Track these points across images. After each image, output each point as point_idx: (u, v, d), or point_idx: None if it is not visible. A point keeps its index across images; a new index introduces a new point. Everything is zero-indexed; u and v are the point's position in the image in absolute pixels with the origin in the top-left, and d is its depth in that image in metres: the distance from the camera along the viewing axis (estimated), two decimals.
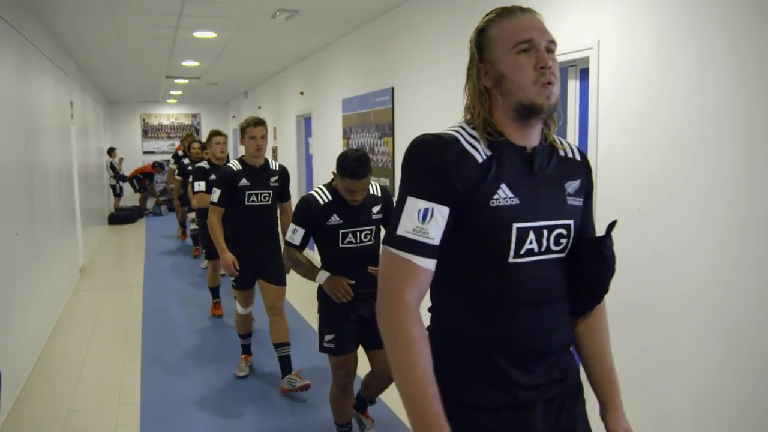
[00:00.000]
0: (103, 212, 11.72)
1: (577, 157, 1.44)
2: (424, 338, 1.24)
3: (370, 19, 5.58)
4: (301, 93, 8.24)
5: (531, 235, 1.29)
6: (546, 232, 1.31)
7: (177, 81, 10.59)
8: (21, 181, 4.38)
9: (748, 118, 2.18)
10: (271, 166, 4.01)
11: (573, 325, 1.44)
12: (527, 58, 1.28)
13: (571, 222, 1.35)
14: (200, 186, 5.04)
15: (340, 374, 2.93)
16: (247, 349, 4.34)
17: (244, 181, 3.88)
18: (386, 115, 5.32)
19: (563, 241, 1.34)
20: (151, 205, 13.89)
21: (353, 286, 2.77)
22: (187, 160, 7.63)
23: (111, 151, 12.84)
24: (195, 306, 6.05)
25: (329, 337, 2.87)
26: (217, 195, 3.89)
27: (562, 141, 1.44)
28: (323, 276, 2.81)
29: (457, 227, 1.28)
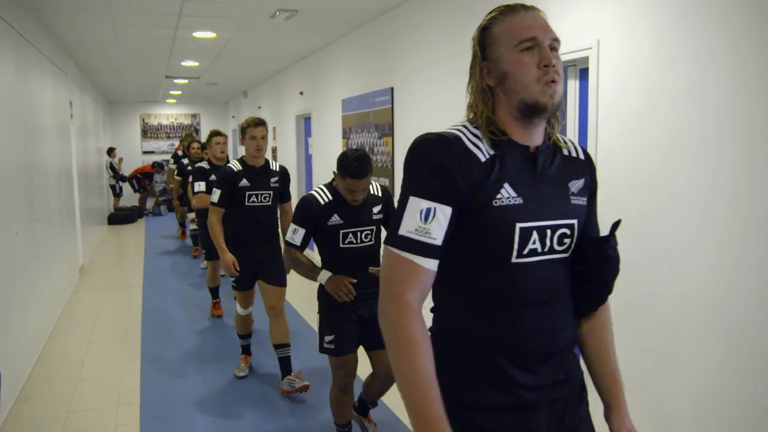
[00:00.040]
0: (103, 212, 11.71)
1: (581, 156, 1.43)
2: (426, 339, 1.23)
3: (370, 19, 5.58)
4: (301, 93, 8.24)
5: (534, 235, 1.28)
6: (549, 232, 1.30)
7: (176, 81, 10.59)
8: (20, 181, 4.38)
9: (748, 118, 2.18)
10: (271, 167, 4.00)
11: (577, 326, 1.42)
12: (531, 56, 1.26)
13: (574, 221, 1.34)
14: (200, 186, 5.03)
15: (340, 375, 2.93)
16: (247, 349, 4.34)
17: (244, 182, 3.87)
18: (386, 115, 5.32)
19: (567, 240, 1.33)
20: (151, 205, 13.88)
21: (354, 286, 2.76)
22: (187, 160, 7.64)
23: (110, 151, 12.84)
24: (194, 306, 6.05)
25: (329, 338, 2.86)
26: (217, 195, 3.88)
27: (566, 140, 1.42)
28: (325, 275, 2.80)
29: (459, 227, 1.27)
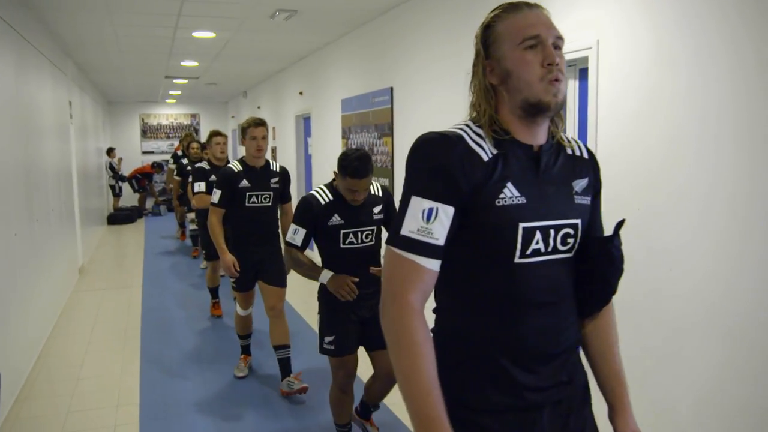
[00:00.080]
0: (102, 212, 11.71)
1: (585, 155, 1.41)
2: (429, 341, 1.21)
3: (369, 19, 5.58)
4: (300, 93, 8.24)
5: (537, 235, 1.26)
6: (553, 232, 1.28)
7: (176, 81, 10.59)
8: (20, 182, 4.38)
9: (747, 118, 2.18)
10: (271, 167, 3.98)
11: (581, 326, 1.41)
12: (534, 55, 1.25)
13: (578, 221, 1.32)
14: (200, 187, 5.01)
15: (339, 375, 2.92)
16: (247, 349, 4.34)
17: (244, 182, 3.86)
18: (385, 115, 5.32)
19: (570, 240, 1.31)
20: (150, 205, 13.88)
21: (354, 286, 2.75)
22: (186, 160, 7.64)
23: (110, 151, 12.83)
24: (194, 306, 6.04)
25: (329, 339, 2.85)
26: (217, 196, 3.86)
27: (570, 139, 1.41)
28: (327, 275, 2.78)
29: (462, 227, 1.25)
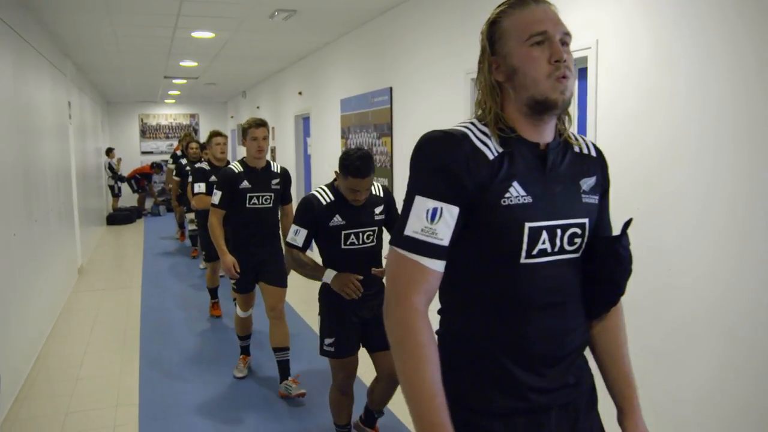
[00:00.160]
0: (102, 213, 11.70)
1: (593, 153, 1.38)
2: (433, 343, 1.19)
3: (369, 19, 5.58)
4: (300, 93, 8.24)
5: (544, 235, 1.24)
6: (560, 232, 1.26)
7: (175, 81, 10.58)
8: (19, 182, 4.37)
9: (747, 118, 2.18)
10: (272, 168, 3.96)
11: (588, 328, 1.39)
12: (541, 51, 1.22)
13: (585, 221, 1.30)
14: (200, 188, 4.99)
15: (339, 377, 2.91)
16: (246, 350, 4.33)
17: (245, 183, 3.83)
18: (384, 115, 5.32)
19: (577, 240, 1.29)
20: (150, 205, 13.88)
21: None
22: (185, 161, 7.64)
23: (109, 151, 12.82)
24: (193, 307, 6.04)
25: (329, 341, 2.84)
26: (217, 197, 3.84)
27: (577, 137, 1.38)
28: (330, 274, 2.74)
29: (467, 226, 1.23)
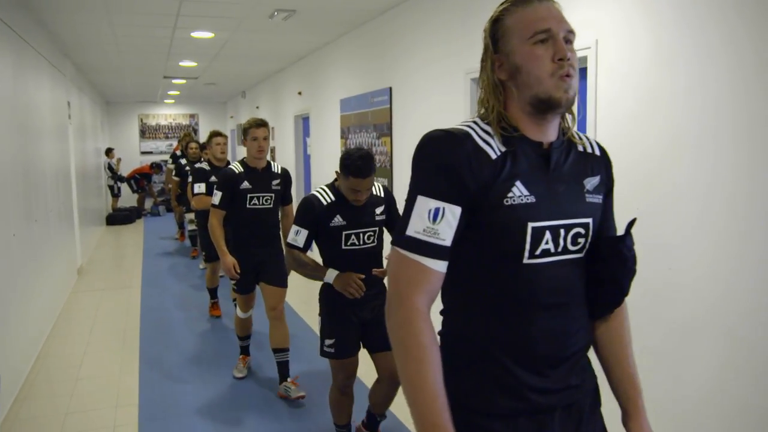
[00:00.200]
0: (101, 213, 11.70)
1: (597, 152, 1.37)
2: (435, 344, 1.18)
3: (368, 19, 5.58)
4: (299, 93, 8.24)
5: (547, 235, 1.22)
6: (563, 232, 1.24)
7: (174, 81, 10.58)
8: (18, 182, 4.37)
9: (746, 118, 2.18)
10: (273, 169, 3.94)
11: (592, 329, 1.38)
12: (545, 49, 1.21)
13: (589, 220, 1.29)
14: (200, 188, 4.97)
15: (339, 377, 2.91)
16: (246, 350, 4.33)
17: (245, 184, 3.82)
18: (384, 115, 5.32)
19: (581, 240, 1.28)
20: (149, 205, 13.87)
21: None
22: (185, 161, 7.63)
23: (109, 151, 12.82)
24: (193, 307, 6.04)
25: (329, 342, 2.83)
26: (218, 198, 3.82)
27: (581, 135, 1.37)
28: (332, 274, 2.72)
29: (469, 226, 1.22)
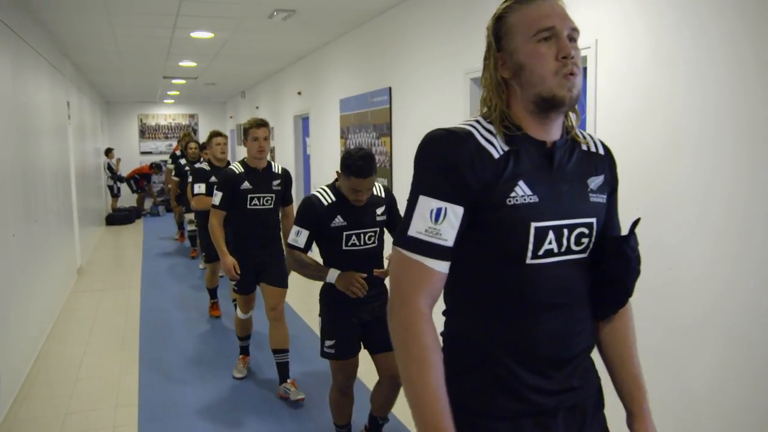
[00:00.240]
0: (101, 213, 11.69)
1: (601, 151, 1.36)
2: (437, 346, 1.18)
3: (368, 18, 5.58)
4: (299, 93, 8.23)
5: (550, 235, 1.21)
6: (566, 232, 1.23)
7: (174, 81, 10.58)
8: (17, 182, 4.37)
9: (746, 118, 2.18)
10: (273, 169, 3.93)
11: (596, 329, 1.37)
12: (548, 47, 1.20)
13: (593, 220, 1.27)
14: (200, 188, 4.95)
15: (339, 378, 2.91)
16: (246, 350, 4.33)
17: (246, 184, 3.81)
18: (384, 115, 5.32)
19: (585, 240, 1.26)
20: (149, 205, 13.87)
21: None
22: (185, 161, 7.63)
23: (108, 151, 12.82)
24: (193, 307, 6.04)
25: (330, 343, 2.83)
26: (218, 198, 3.81)
27: (585, 134, 1.36)
28: (334, 274, 2.71)
29: (471, 226, 1.21)
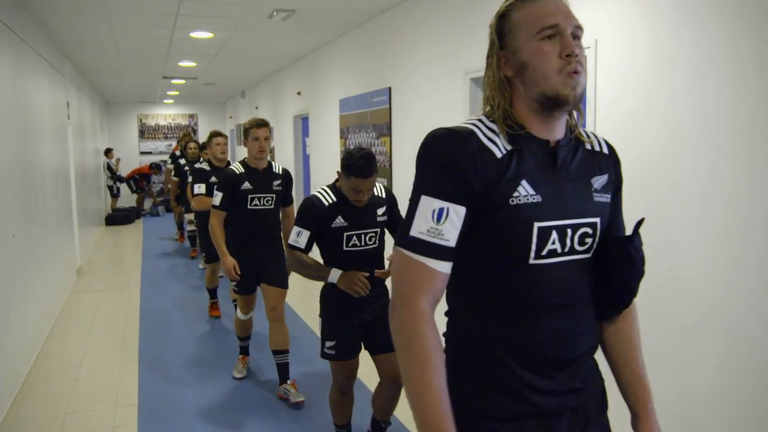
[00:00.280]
0: (100, 213, 11.69)
1: (605, 150, 1.35)
2: (439, 347, 1.17)
3: (367, 18, 5.58)
4: (299, 93, 8.23)
5: (554, 235, 1.20)
6: (570, 232, 1.22)
7: (174, 81, 10.57)
8: (17, 182, 4.37)
9: (746, 118, 2.18)
10: (274, 169, 3.92)
11: (600, 330, 1.36)
12: (552, 45, 1.18)
13: (597, 220, 1.26)
14: (200, 188, 4.93)
15: (339, 378, 2.90)
16: (245, 350, 4.33)
17: (246, 185, 3.80)
18: (383, 115, 5.32)
19: (588, 240, 1.25)
20: (149, 206, 13.87)
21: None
22: (184, 161, 7.63)
23: (108, 151, 12.82)
24: (192, 307, 6.03)
25: (330, 344, 2.83)
26: (218, 199, 3.80)
27: (589, 133, 1.35)
28: (336, 274, 2.70)
29: (474, 226, 1.20)
